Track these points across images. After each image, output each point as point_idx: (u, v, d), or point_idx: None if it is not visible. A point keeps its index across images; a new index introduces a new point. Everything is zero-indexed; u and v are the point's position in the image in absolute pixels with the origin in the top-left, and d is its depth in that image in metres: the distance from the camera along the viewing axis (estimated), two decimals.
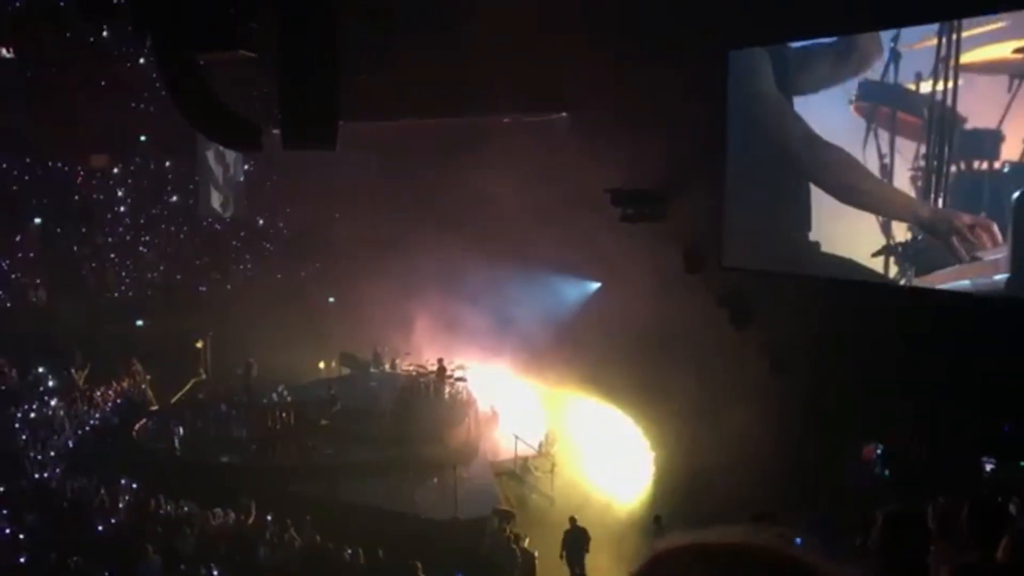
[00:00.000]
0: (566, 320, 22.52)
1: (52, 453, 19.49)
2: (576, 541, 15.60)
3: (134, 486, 17.48)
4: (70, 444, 20.40)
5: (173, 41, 10.15)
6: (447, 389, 22.75)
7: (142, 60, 24.00)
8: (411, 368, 23.67)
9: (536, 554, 15.57)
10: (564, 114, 20.74)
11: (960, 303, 13.04)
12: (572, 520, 15.94)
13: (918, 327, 13.66)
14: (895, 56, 12.63)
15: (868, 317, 14.73)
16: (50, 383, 23.04)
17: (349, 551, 15.17)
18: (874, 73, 12.95)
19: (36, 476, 18.31)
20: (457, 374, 22.91)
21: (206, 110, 10.84)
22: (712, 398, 16.09)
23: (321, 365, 25.97)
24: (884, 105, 12.95)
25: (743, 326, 16.62)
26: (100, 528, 16.10)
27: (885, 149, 13.00)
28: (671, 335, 17.11)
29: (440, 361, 22.90)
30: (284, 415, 20.97)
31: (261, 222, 31.07)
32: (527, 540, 16.07)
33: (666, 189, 17.71)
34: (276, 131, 11.44)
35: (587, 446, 20.51)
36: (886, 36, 12.76)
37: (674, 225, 17.56)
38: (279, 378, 23.02)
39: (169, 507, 16.65)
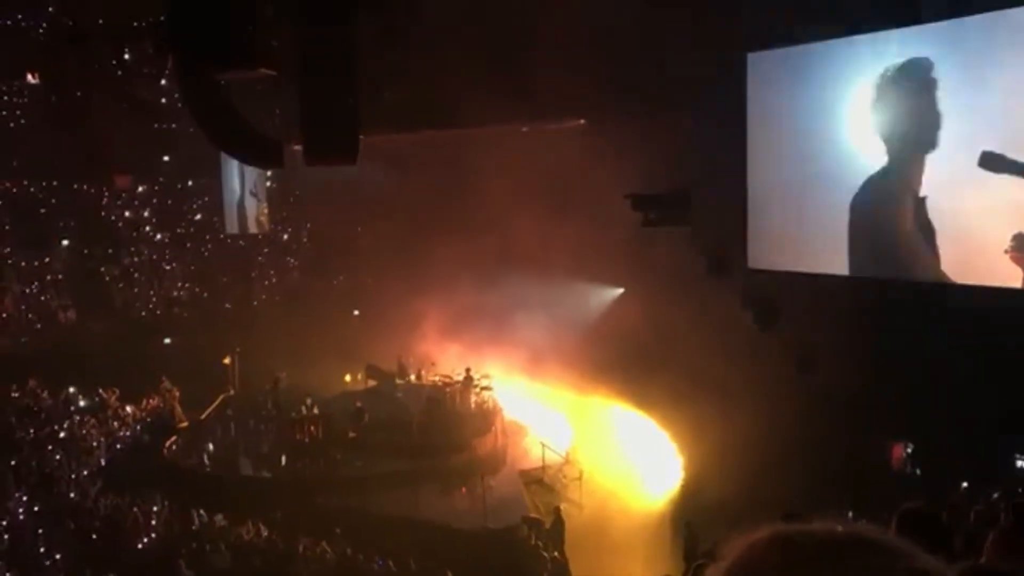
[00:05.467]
0: (591, 327, 22.50)
1: (85, 472, 19.69)
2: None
3: (166, 503, 17.63)
4: (102, 463, 20.60)
5: (194, 61, 10.28)
6: (473, 398, 22.78)
7: (163, 81, 24.26)
8: (437, 378, 23.72)
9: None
10: (582, 121, 20.76)
11: (990, 298, 12.92)
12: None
13: (947, 323, 13.56)
14: None
15: (896, 314, 14.65)
16: (81, 403, 23.26)
17: (379, 562, 15.24)
18: None
19: (71, 495, 18.49)
20: (483, 383, 22.94)
21: (228, 128, 10.97)
22: (739, 400, 16.02)
23: (347, 378, 26.06)
24: None
25: (768, 327, 16.54)
26: (135, 546, 16.25)
27: None
28: (696, 338, 17.06)
29: (467, 371, 22.94)
30: (312, 428, 21.08)
31: (285, 237, 31.28)
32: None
33: (688, 192, 17.67)
34: (297, 147, 11.57)
35: (615, 452, 20.47)
36: None
37: (698, 228, 17.51)
38: (306, 392, 23.14)
39: (202, 522, 16.79)
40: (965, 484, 12.97)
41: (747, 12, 15.03)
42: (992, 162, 12.56)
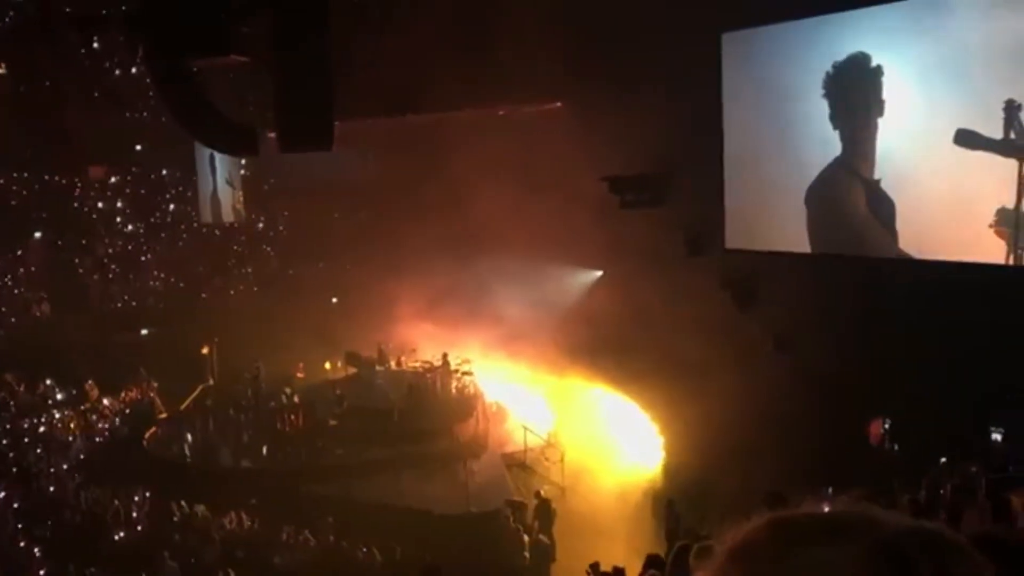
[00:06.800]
0: (571, 309, 22.54)
1: (64, 466, 19.56)
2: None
3: (147, 495, 17.55)
4: (81, 456, 20.47)
5: (165, 49, 10.16)
6: (454, 383, 22.79)
7: (135, 70, 23.98)
8: (417, 364, 23.70)
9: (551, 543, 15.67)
10: (559, 104, 20.72)
11: (964, 273, 13.04)
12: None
13: (922, 299, 13.67)
14: None
15: (870, 291, 14.76)
16: (58, 396, 23.09)
17: (364, 550, 15.25)
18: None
19: (51, 489, 18.37)
20: (463, 368, 22.95)
21: (201, 116, 10.86)
22: (719, 379, 16.10)
23: (327, 366, 26.01)
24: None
25: (747, 306, 16.63)
26: (116, 538, 16.18)
27: None
28: (675, 319, 17.11)
29: (445, 356, 22.93)
30: (292, 417, 21.02)
31: (260, 225, 31.07)
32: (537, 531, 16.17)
33: (665, 174, 17.70)
34: (271, 134, 11.48)
35: (596, 433, 20.55)
36: None
37: (675, 209, 17.56)
38: (285, 381, 23.07)
39: (183, 513, 16.73)
40: (943, 459, 13.10)
41: None
42: (967, 139, 12.66)
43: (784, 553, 1.03)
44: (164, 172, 29.04)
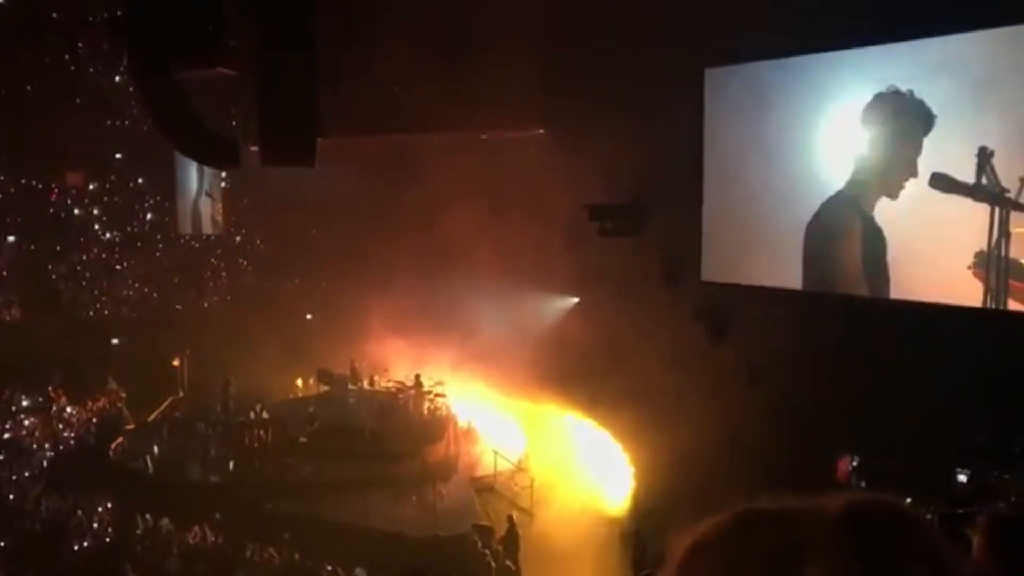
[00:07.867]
0: (546, 335, 22.55)
1: (27, 474, 19.26)
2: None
3: (111, 505, 17.32)
4: (44, 464, 20.17)
5: (150, 58, 10.15)
6: (426, 405, 22.70)
7: (118, 78, 23.90)
8: (389, 384, 23.60)
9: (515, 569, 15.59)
10: (541, 130, 20.83)
11: (934, 315, 13.19)
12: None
13: (892, 339, 13.81)
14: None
15: (843, 329, 14.89)
16: (24, 403, 22.76)
17: (328, 569, 15.12)
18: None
19: (11, 497, 18.09)
20: (436, 390, 22.88)
21: (183, 127, 10.85)
22: (690, 411, 16.16)
23: (299, 382, 25.84)
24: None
25: (720, 339, 16.72)
26: (77, 548, 15.96)
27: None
28: (649, 349, 17.18)
29: (417, 377, 22.86)
30: (262, 433, 20.84)
31: (238, 239, 30.90)
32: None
33: (644, 203, 17.82)
34: (254, 148, 11.49)
35: (566, 460, 20.52)
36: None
37: (652, 239, 17.66)
38: (257, 396, 22.89)
39: (147, 526, 16.53)
40: (909, 499, 13.18)
41: (706, 27, 15.20)
42: (941, 182, 12.85)
43: (747, 536, 1.11)
44: (141, 181, 28.84)
